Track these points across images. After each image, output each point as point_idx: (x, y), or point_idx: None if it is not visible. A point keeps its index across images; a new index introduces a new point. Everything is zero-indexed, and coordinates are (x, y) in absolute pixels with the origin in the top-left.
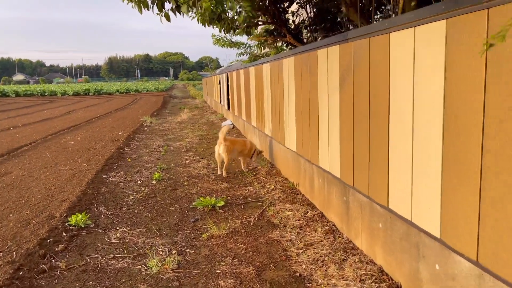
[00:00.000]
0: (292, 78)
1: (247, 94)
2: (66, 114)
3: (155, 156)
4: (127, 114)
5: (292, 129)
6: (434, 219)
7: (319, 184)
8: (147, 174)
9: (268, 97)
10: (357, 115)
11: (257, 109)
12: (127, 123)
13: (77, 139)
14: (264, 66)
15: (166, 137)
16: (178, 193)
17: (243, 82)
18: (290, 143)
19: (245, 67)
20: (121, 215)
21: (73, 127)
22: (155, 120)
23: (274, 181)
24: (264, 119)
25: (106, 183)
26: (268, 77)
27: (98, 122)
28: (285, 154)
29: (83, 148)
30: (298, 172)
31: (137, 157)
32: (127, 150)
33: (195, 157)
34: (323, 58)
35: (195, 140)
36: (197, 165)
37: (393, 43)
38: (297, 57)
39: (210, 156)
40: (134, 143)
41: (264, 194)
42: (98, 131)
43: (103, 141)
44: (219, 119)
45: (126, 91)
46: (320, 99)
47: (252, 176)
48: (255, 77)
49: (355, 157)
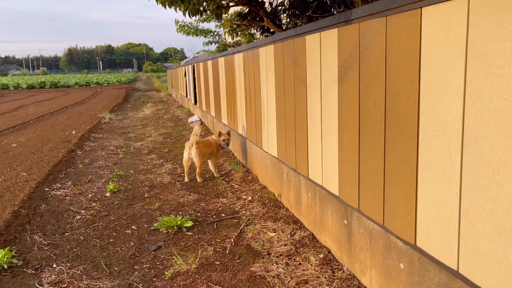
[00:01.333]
0: (271, 71)
1: (216, 88)
2: (15, 110)
3: (112, 160)
4: (84, 110)
5: (272, 130)
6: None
7: (308, 199)
8: (100, 184)
9: (241, 92)
10: (365, 118)
11: (228, 105)
12: (83, 120)
13: (21, 140)
14: (236, 56)
15: (126, 136)
16: (137, 209)
17: (211, 74)
18: (270, 146)
19: (214, 57)
20: (62, 244)
21: (21, 126)
22: (115, 116)
23: (251, 190)
24: (236, 116)
25: (48, 199)
26: (241, 69)
27: (50, 119)
28: (263, 158)
29: (27, 151)
30: (281, 182)
31: (91, 161)
32: (79, 154)
33: (159, 160)
34: (313, 45)
35: (159, 139)
36: (160, 171)
37: (427, 21)
38: (277, 45)
39: (176, 159)
40: (88, 144)
41: (240, 208)
42: (49, 130)
43: (52, 142)
44: (186, 114)
45: (86, 84)
46: (310, 96)
47: (225, 184)
48: (225, 69)
49: (363, 171)
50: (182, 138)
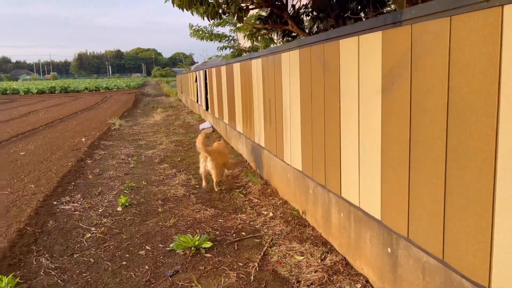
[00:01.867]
0: (295, 77)
1: (231, 94)
2: (25, 116)
3: (123, 170)
4: (94, 115)
5: (295, 142)
6: None
7: (340, 219)
8: (111, 196)
9: (258, 99)
10: (418, 133)
11: (243, 112)
12: (92, 126)
13: (30, 148)
14: (254, 62)
15: (137, 144)
16: (150, 225)
17: (225, 80)
18: (293, 159)
19: (228, 63)
20: (70, 268)
21: (30, 132)
22: (125, 122)
23: (271, 204)
24: (253, 125)
25: (56, 214)
26: (259, 75)
27: (60, 125)
28: (284, 171)
29: (35, 160)
30: (305, 198)
31: (101, 171)
32: (89, 163)
33: (171, 170)
34: (349, 50)
35: (171, 147)
36: (173, 182)
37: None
38: (304, 50)
39: (189, 168)
40: (98, 153)
41: (261, 225)
42: (58, 137)
43: (62, 150)
44: (197, 120)
45: (95, 88)
46: (344, 106)
47: (242, 197)
48: (241, 75)
49: (414, 195)
50: (194, 146)
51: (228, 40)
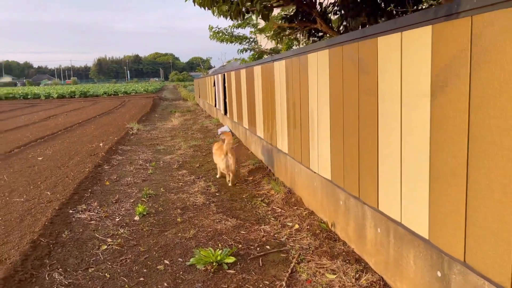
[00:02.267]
0: (324, 80)
1: (251, 98)
2: (45, 120)
3: (141, 176)
4: (112, 120)
5: (323, 149)
6: None
7: (377, 235)
8: (128, 205)
9: (281, 103)
10: (482, 143)
11: (265, 117)
12: (110, 131)
13: (48, 153)
14: (277, 64)
15: (155, 149)
16: (169, 237)
17: (244, 83)
18: (320, 166)
19: (248, 66)
20: (85, 284)
21: (49, 137)
22: (143, 126)
23: (296, 215)
24: (275, 130)
25: (72, 224)
26: (283, 78)
27: (79, 129)
28: (311, 179)
29: (53, 166)
30: (335, 209)
31: (118, 178)
32: (106, 168)
33: (190, 177)
34: (390, 48)
35: (189, 152)
36: (192, 189)
37: None
38: (334, 50)
39: (208, 175)
40: (116, 158)
41: (287, 238)
42: (76, 142)
43: (79, 155)
44: (215, 124)
45: (114, 93)
46: (383, 111)
47: (265, 206)
48: (262, 78)
49: (474, 215)
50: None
51: (249, 42)
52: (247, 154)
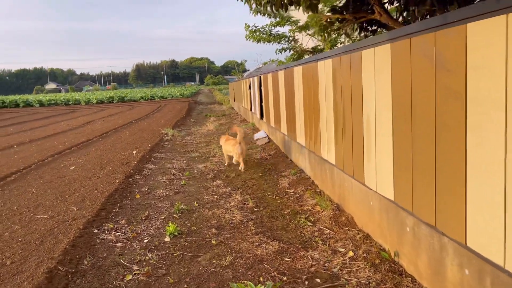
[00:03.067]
0: (383, 80)
1: (290, 102)
2: (83, 126)
3: (173, 188)
4: (148, 125)
5: (383, 161)
6: None
7: (463, 277)
8: (159, 222)
9: (327, 107)
10: None
11: (307, 122)
12: (145, 137)
13: (80, 162)
14: (321, 63)
15: (189, 156)
16: (203, 264)
17: (283, 86)
18: (379, 183)
19: (287, 67)
20: None
21: (83, 144)
22: (178, 132)
23: (348, 238)
24: (319, 137)
25: (95, 247)
26: (329, 79)
27: (114, 136)
28: (365, 197)
29: (83, 176)
30: (399, 236)
31: (150, 190)
32: (138, 179)
33: (225, 188)
34: (486, 36)
35: (224, 160)
36: (228, 204)
37: None
38: (399, 44)
39: (245, 186)
40: (148, 167)
41: (340, 269)
42: (109, 149)
43: (111, 164)
44: (251, 129)
45: (150, 98)
46: (476, 119)
47: (310, 225)
48: (303, 79)
49: None
50: (250, 159)
51: (288, 41)
52: (286, 162)
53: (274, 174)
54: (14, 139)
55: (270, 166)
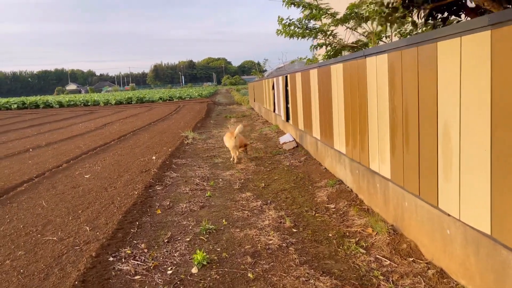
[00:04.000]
0: (473, 77)
1: (324, 104)
2: (101, 128)
3: (198, 201)
4: (167, 127)
5: (475, 183)
6: None
7: None
8: (184, 246)
9: (379, 111)
10: None
11: (348, 127)
12: (165, 141)
13: (96, 169)
14: (372, 59)
15: (212, 162)
16: None
17: (316, 86)
18: (465, 209)
19: (322, 65)
20: None
21: (101, 148)
22: (198, 135)
23: (416, 274)
24: (366, 146)
25: (110, 282)
26: (383, 78)
27: (132, 139)
28: (439, 223)
29: (99, 186)
30: (498, 280)
31: (172, 203)
32: (158, 190)
33: (256, 202)
34: None
35: (250, 166)
36: (262, 222)
37: None
38: (504, 31)
39: (278, 199)
40: (170, 175)
41: None
42: (128, 154)
43: (129, 171)
44: (275, 132)
45: (169, 98)
46: None
47: (363, 254)
48: (344, 78)
49: None
50: (279, 166)
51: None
52: (320, 171)
53: (308, 184)
54: (31, 142)
55: (302, 174)
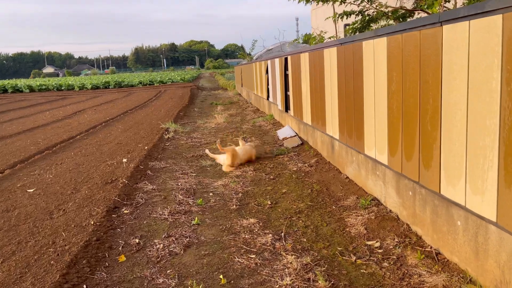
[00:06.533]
0: None
1: (350, 93)
2: (69, 117)
3: (181, 235)
4: (145, 116)
5: None
6: None
7: None
8: None
9: (476, 104)
10: None
11: (393, 128)
12: (141, 134)
13: (47, 178)
14: (450, 28)
15: (199, 166)
16: None
17: (335, 70)
18: None
19: (344, 42)
20: None
21: (61, 145)
22: (181, 127)
23: None
24: (439, 157)
25: None
26: (478, 57)
27: (103, 132)
28: None
29: (41, 210)
30: None
31: (143, 241)
32: (125, 215)
33: (264, 236)
34: None
35: (248, 171)
36: (279, 279)
37: None
38: None
39: (293, 229)
40: (143, 188)
41: None
42: (93, 154)
43: (90, 183)
44: (271, 123)
45: (149, 82)
46: None
47: None
48: (389, 59)
49: None
50: (284, 171)
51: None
52: (341, 180)
53: (330, 202)
54: None
55: (318, 186)
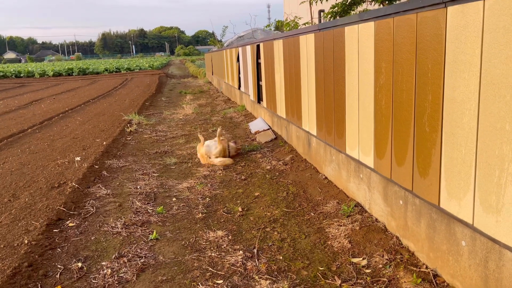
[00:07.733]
0: None
1: (329, 85)
2: (24, 108)
3: (135, 254)
4: (108, 106)
5: None
6: None
7: None
8: None
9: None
10: None
11: (381, 127)
12: (100, 127)
13: None
14: (457, 9)
15: (162, 163)
16: None
17: (312, 59)
18: None
19: (324, 27)
20: None
21: (8, 140)
22: (146, 119)
23: None
24: (439, 164)
25: None
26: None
27: (58, 124)
28: None
29: None
30: None
31: (87, 264)
32: (70, 229)
33: (234, 252)
34: None
35: (217, 170)
36: None
37: None
38: None
39: (268, 242)
40: (96, 194)
41: None
42: (43, 151)
43: (33, 188)
44: (242, 115)
45: (116, 70)
46: None
47: None
48: (378, 48)
49: None
50: (257, 170)
51: None
52: (319, 181)
53: (308, 207)
54: None
55: (294, 188)
